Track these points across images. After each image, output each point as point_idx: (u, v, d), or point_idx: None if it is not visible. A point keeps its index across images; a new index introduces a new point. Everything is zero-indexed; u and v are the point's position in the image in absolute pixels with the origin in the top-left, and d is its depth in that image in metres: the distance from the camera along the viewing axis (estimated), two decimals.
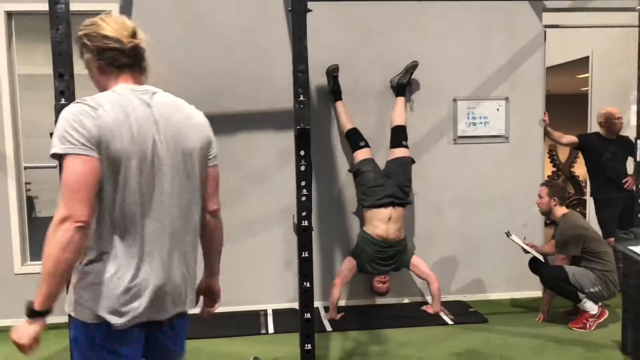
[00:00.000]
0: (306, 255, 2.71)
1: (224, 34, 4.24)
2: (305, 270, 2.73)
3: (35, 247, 4.32)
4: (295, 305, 4.26)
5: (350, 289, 4.42)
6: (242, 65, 4.23)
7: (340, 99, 4.28)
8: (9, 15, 4.08)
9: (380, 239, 4.01)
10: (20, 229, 4.17)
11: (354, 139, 4.21)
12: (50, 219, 1.45)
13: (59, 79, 2.49)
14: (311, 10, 2.78)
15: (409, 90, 4.39)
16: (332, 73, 4.23)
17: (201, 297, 1.84)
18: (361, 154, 4.17)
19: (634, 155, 3.00)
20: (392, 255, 4.07)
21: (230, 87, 4.26)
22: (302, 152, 2.72)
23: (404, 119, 4.30)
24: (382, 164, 4.25)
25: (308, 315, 2.70)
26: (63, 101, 2.48)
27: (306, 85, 2.77)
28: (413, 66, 4.26)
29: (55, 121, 2.50)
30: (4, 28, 4.06)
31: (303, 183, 2.73)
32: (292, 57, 2.75)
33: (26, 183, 7.79)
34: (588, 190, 5.26)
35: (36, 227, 7.27)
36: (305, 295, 2.74)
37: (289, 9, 2.69)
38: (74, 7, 4.08)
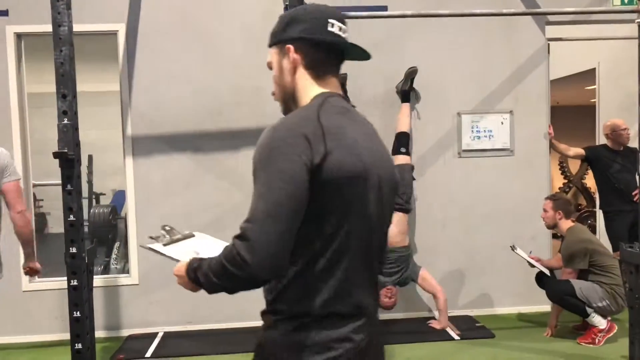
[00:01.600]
0: None
1: (229, 49, 4.30)
2: None
3: (48, 263, 4.35)
4: None
5: None
6: (247, 80, 4.28)
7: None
8: (19, 36, 4.18)
9: None
10: None
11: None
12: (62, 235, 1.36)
13: (62, 99, 2.53)
14: None
15: (413, 97, 4.40)
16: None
17: None
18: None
19: (637, 168, 2.96)
20: (395, 259, 4.01)
21: (235, 102, 4.31)
22: None
23: (407, 126, 4.31)
24: None
25: None
26: (65, 121, 2.51)
27: None
28: (412, 72, 4.28)
29: (59, 140, 2.58)
30: (14, 49, 4.15)
31: None
32: None
33: (39, 200, 7.92)
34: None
35: (49, 243, 7.33)
36: None
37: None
38: (81, 28, 4.24)
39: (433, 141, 4.47)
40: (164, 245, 1.45)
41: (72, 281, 2.52)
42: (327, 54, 1.28)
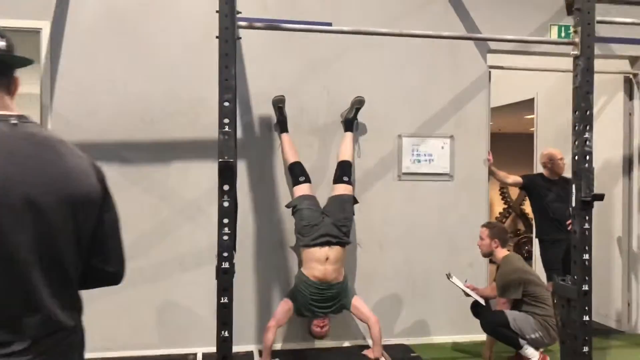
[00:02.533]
0: (225, 300, 2.48)
1: (165, 54, 4.06)
2: (223, 317, 2.50)
3: None
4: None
5: (287, 331, 4.19)
6: (184, 89, 4.05)
7: (286, 131, 4.13)
8: None
9: (318, 282, 3.81)
10: None
11: (294, 173, 4.05)
12: None
13: None
14: (240, 38, 2.63)
15: (357, 129, 4.28)
16: (278, 104, 4.09)
17: None
18: (300, 190, 4.00)
19: (569, 200, 2.93)
20: (331, 297, 3.85)
21: (169, 112, 4.06)
22: (225, 187, 2.52)
23: (350, 154, 4.17)
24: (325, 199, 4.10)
25: None
26: None
27: (233, 116, 2.59)
28: (358, 101, 4.17)
29: None
30: None
31: (225, 221, 2.52)
32: (218, 86, 2.57)
33: None
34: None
35: None
36: (223, 345, 2.50)
37: (217, 35, 2.53)
38: (3, 23, 3.89)
39: (374, 162, 4.36)
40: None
41: None
42: None
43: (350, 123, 4.21)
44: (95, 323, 3.99)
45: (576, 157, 2.95)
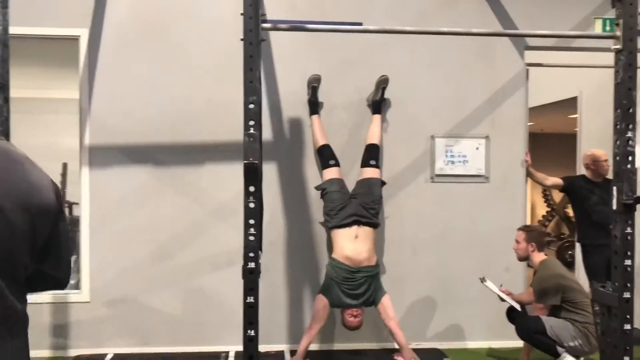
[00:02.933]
0: (251, 300, 2.49)
1: (195, 57, 4.12)
2: (250, 317, 2.51)
3: None
4: (261, 347, 4.06)
5: (320, 332, 4.17)
6: (213, 91, 4.09)
7: (317, 113, 4.12)
8: None
9: (349, 262, 3.75)
10: None
11: (324, 156, 4.04)
12: None
13: None
14: (264, 40, 2.63)
15: (383, 108, 4.23)
16: (312, 83, 4.09)
17: None
18: (329, 173, 3.99)
19: (610, 203, 2.80)
20: (363, 282, 3.78)
21: (201, 115, 4.11)
22: (251, 189, 2.53)
23: (378, 137, 4.13)
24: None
25: None
26: None
27: (258, 118, 2.60)
28: (383, 80, 4.11)
29: None
30: None
31: (251, 221, 2.53)
32: (243, 88, 2.59)
33: None
34: None
35: None
36: (250, 345, 2.51)
37: (241, 38, 2.54)
38: (43, 31, 4.05)
39: (405, 164, 4.29)
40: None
41: None
42: None
43: (378, 105, 4.17)
44: (133, 319, 4.14)
45: (617, 158, 2.82)
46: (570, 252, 7.40)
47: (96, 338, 4.05)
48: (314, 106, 4.13)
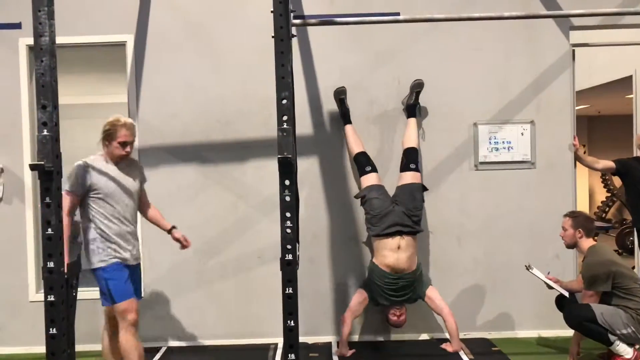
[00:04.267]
0: (290, 291, 2.56)
1: (238, 57, 4.23)
2: (289, 307, 2.58)
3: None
4: (309, 339, 4.15)
5: (364, 323, 4.22)
6: (255, 89, 4.18)
7: (350, 122, 4.15)
8: (31, 49, 4.22)
9: (390, 270, 3.79)
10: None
11: (361, 163, 4.06)
12: None
13: (42, 110, 2.49)
14: (295, 36, 2.68)
15: (420, 114, 4.20)
16: (339, 96, 4.12)
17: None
18: (367, 180, 4.00)
19: None
20: (404, 286, 3.82)
21: (243, 112, 4.22)
22: (286, 182, 2.60)
23: (415, 141, 4.11)
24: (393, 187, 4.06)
25: (292, 357, 2.54)
26: (45, 132, 2.47)
27: (290, 113, 2.66)
28: (417, 84, 4.09)
29: (38, 152, 2.55)
30: (26, 61, 4.20)
31: (288, 214, 2.60)
32: (275, 84, 2.65)
33: None
34: None
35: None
36: (290, 335, 2.58)
37: (272, 35, 2.60)
38: (91, 39, 4.26)
39: (447, 153, 4.25)
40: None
41: (49, 297, 2.47)
42: None
43: (413, 108, 4.14)
44: (184, 313, 4.31)
45: None
46: (631, 238, 7.08)
47: (150, 332, 4.22)
48: (346, 116, 4.15)
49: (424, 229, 4.06)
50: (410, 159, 4.02)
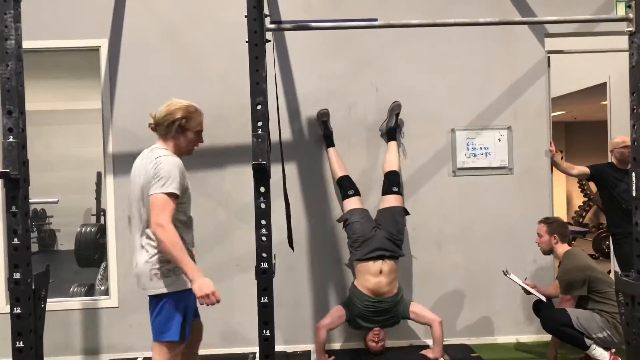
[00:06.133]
0: (266, 300, 2.52)
1: (214, 64, 4.18)
2: (264, 317, 2.54)
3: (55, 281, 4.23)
4: (288, 347, 4.10)
5: (345, 331, 4.18)
6: (232, 96, 4.14)
7: (333, 145, 4.13)
8: None
9: (371, 294, 3.76)
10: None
11: (344, 187, 4.04)
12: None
13: (7, 116, 2.43)
14: (269, 41, 2.66)
15: (401, 136, 4.21)
16: (322, 118, 4.10)
17: None
18: (350, 203, 3.98)
19: (630, 190, 2.70)
20: (385, 309, 3.80)
21: (220, 119, 4.17)
22: (261, 189, 2.56)
23: (396, 164, 4.09)
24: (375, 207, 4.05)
25: None
26: (11, 139, 2.40)
27: (265, 119, 2.63)
28: (396, 106, 4.09)
29: (4, 159, 2.48)
30: None
31: (263, 222, 2.57)
32: (249, 89, 2.62)
33: (48, 216, 7.88)
34: None
35: (58, 261, 7.23)
36: (266, 345, 2.54)
37: (246, 40, 2.57)
38: (65, 43, 4.18)
39: (426, 158, 4.25)
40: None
41: (15, 309, 2.39)
42: None
43: (393, 132, 4.13)
44: None
45: (635, 143, 2.72)
46: (607, 242, 7.18)
47: (126, 342, 4.16)
48: (329, 139, 4.13)
49: (404, 254, 4.02)
50: (392, 181, 4.00)
